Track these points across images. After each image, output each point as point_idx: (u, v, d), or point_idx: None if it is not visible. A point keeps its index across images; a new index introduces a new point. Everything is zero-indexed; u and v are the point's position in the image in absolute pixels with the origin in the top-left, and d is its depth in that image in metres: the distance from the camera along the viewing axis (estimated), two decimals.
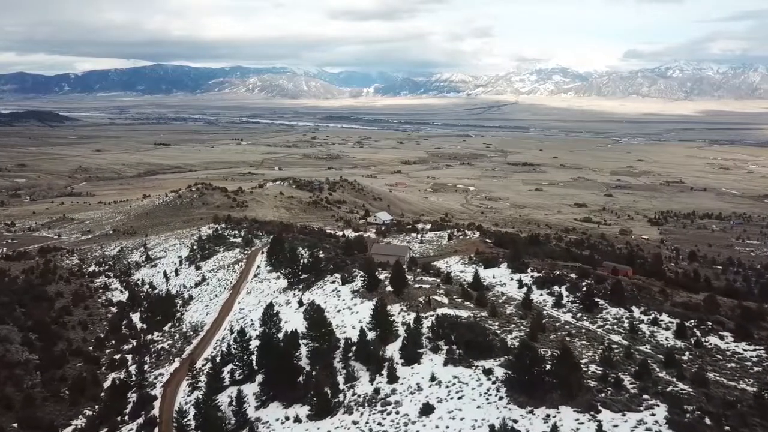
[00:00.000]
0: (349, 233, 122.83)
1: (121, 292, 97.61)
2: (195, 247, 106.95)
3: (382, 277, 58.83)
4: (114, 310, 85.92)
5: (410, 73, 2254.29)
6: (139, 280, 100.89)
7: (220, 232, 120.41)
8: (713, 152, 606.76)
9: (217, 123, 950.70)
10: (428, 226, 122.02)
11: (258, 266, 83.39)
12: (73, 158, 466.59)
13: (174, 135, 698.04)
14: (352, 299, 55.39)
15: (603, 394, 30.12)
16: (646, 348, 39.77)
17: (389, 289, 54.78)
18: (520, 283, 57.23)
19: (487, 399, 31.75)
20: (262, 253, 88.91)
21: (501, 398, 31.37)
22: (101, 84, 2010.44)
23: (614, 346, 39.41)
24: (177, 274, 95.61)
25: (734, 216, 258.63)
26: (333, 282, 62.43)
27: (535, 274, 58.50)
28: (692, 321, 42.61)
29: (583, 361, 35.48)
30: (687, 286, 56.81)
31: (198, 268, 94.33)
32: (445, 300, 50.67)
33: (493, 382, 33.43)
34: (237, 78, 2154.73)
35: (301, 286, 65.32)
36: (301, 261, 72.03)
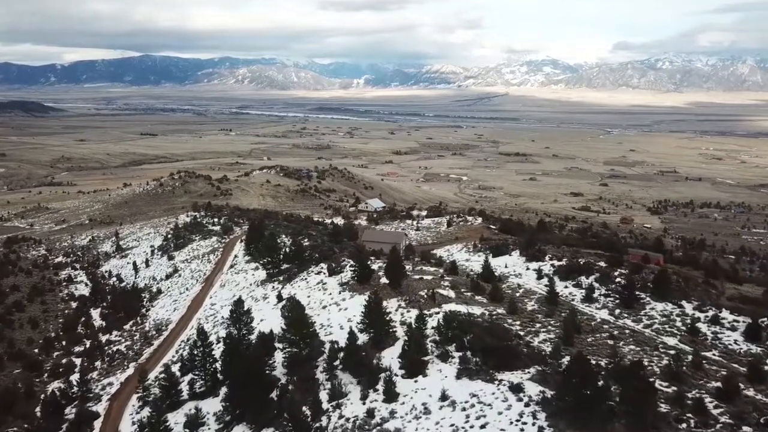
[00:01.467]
0: (339, 221, 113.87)
1: (86, 285, 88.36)
2: (169, 236, 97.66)
3: (375, 267, 50.18)
4: (74, 305, 76.75)
5: (401, 64, 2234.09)
6: (106, 271, 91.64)
7: (198, 219, 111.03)
8: (704, 143, 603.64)
9: (206, 114, 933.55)
10: (424, 213, 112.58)
11: (235, 256, 74.41)
12: (55, 148, 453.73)
13: (161, 125, 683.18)
14: (340, 293, 46.70)
15: (684, 425, 21.80)
16: (714, 355, 31.57)
17: (384, 281, 46.05)
18: (539, 274, 48.58)
19: (522, 430, 23.29)
20: (241, 241, 79.95)
21: (541, 429, 22.92)
22: (88, 75, 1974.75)
23: (672, 351, 31.08)
24: (147, 265, 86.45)
25: (734, 205, 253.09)
26: (318, 273, 53.67)
27: (556, 263, 49.92)
28: (764, 319, 34.43)
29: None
30: (729, 277, 48.87)
31: (170, 258, 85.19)
32: (452, 294, 42.03)
33: (526, 404, 24.97)
34: (226, 69, 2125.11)
35: (281, 278, 56.54)
36: (283, 249, 63.17)
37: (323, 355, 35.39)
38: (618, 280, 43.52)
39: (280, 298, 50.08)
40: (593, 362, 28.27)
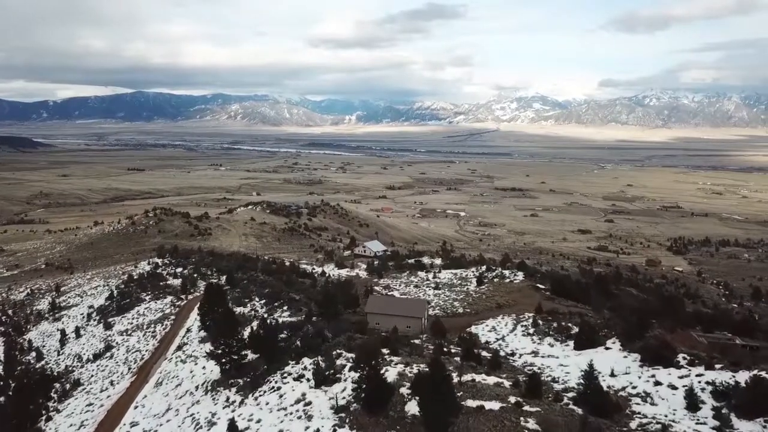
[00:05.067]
0: (332, 270, 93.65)
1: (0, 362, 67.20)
2: (115, 294, 76.75)
3: (393, 374, 29.91)
4: None
5: (392, 101, 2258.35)
6: (28, 341, 70.44)
7: (159, 269, 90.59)
8: (700, 177, 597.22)
9: (197, 149, 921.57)
10: (438, 261, 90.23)
11: (188, 330, 53.82)
12: (35, 183, 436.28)
13: (150, 161, 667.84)
14: (334, 431, 26.30)
15: None
16: None
17: (412, 411, 25.85)
18: (691, 398, 27.79)
19: None
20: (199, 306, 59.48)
21: None
22: (80, 111, 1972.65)
23: None
24: (78, 336, 65.43)
25: (753, 242, 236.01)
26: (299, 378, 33.20)
27: (706, 374, 29.20)
28: None
29: None
30: None
31: (108, 326, 64.33)
32: None
33: None
34: (219, 105, 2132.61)
35: (241, 382, 35.98)
36: (249, 325, 42.79)
37: None
38: None
39: (233, 427, 29.54)
40: None
